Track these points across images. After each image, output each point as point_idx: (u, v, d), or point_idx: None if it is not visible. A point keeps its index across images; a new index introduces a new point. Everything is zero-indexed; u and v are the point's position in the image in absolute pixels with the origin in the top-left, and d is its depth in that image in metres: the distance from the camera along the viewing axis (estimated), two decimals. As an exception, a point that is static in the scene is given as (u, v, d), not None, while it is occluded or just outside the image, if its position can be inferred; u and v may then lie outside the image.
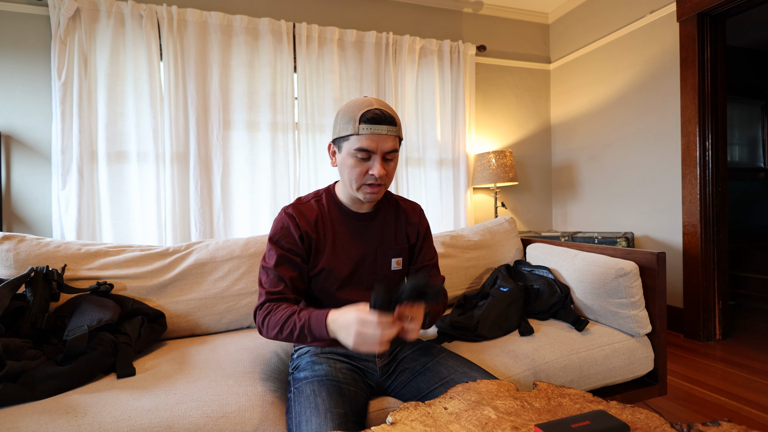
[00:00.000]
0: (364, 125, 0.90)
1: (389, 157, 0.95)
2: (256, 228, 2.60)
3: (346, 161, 0.94)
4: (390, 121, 0.92)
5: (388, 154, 0.94)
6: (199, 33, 2.47)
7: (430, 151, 2.99)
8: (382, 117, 0.91)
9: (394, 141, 0.94)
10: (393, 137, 0.93)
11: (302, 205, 1.03)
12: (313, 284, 1.03)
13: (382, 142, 0.92)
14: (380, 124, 0.90)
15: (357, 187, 0.95)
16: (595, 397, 0.74)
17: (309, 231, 1.00)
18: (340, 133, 0.94)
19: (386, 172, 0.94)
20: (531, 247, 1.80)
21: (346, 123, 0.92)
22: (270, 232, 1.00)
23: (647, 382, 1.37)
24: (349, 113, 0.92)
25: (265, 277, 0.97)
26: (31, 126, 2.29)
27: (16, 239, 1.27)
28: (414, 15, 3.04)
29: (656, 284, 1.33)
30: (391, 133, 0.93)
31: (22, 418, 0.81)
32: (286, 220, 0.99)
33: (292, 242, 0.98)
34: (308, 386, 0.89)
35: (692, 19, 2.33)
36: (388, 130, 0.92)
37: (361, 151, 0.91)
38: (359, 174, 0.93)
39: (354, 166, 0.93)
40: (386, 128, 0.91)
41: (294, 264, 0.98)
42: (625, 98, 2.80)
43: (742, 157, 4.02)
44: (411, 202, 1.17)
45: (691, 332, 2.37)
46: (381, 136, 0.91)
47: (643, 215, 2.70)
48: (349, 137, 0.92)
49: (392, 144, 0.93)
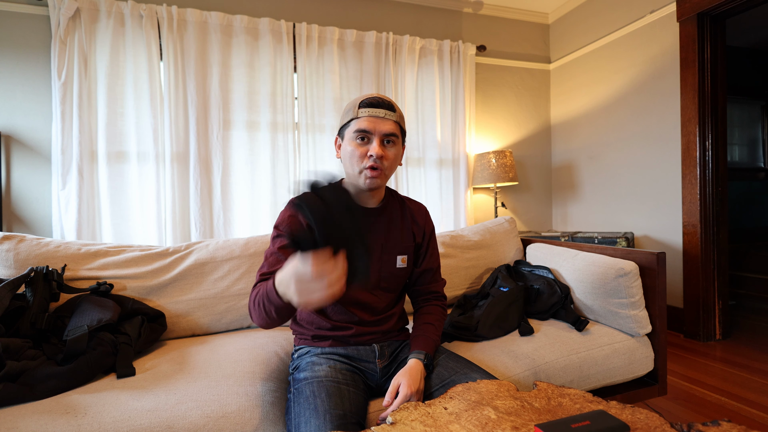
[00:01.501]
0: (362, 109, 0.95)
1: (389, 141, 0.97)
2: (256, 228, 2.60)
3: (347, 147, 0.97)
4: (388, 106, 0.96)
5: (388, 138, 0.96)
6: (199, 33, 2.47)
7: (430, 151, 2.99)
8: (380, 102, 0.96)
9: (392, 125, 0.96)
10: (392, 122, 0.96)
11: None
12: None
13: (380, 124, 0.95)
14: (378, 108, 0.95)
15: (358, 170, 0.96)
16: (595, 397, 0.74)
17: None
18: (342, 122, 0.99)
19: (385, 155, 0.95)
20: (531, 247, 1.80)
21: (347, 112, 0.98)
22: (277, 221, 1.01)
23: (647, 382, 1.37)
24: (351, 103, 0.99)
25: (264, 261, 0.96)
26: (31, 126, 2.29)
27: (16, 239, 1.27)
28: (414, 15, 3.04)
29: (656, 284, 1.33)
30: (390, 117, 0.96)
31: (22, 418, 0.81)
32: (294, 209, 1.00)
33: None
34: (308, 387, 0.89)
35: (692, 19, 2.33)
36: (386, 114, 0.95)
37: (359, 132, 0.95)
38: (359, 156, 0.95)
39: (354, 150, 0.96)
40: (384, 111, 0.95)
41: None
42: (625, 98, 2.80)
43: (742, 157, 4.02)
44: (417, 203, 1.17)
45: (691, 332, 2.37)
46: (379, 119, 0.95)
47: (643, 215, 2.70)
48: (349, 123, 0.97)
49: (391, 127, 0.96)
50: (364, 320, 1.03)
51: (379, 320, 1.06)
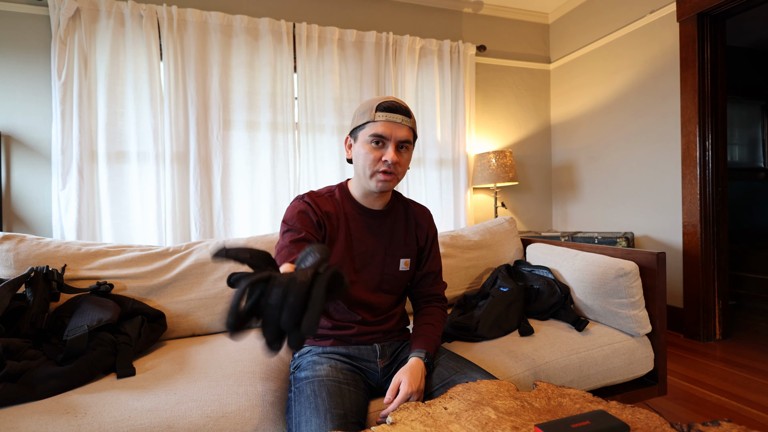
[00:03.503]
0: (380, 113, 0.94)
1: (403, 147, 0.97)
2: (256, 228, 2.60)
3: (361, 149, 0.96)
4: (405, 112, 0.96)
5: (402, 144, 0.96)
6: (199, 33, 2.47)
7: (430, 151, 2.99)
8: (398, 107, 0.95)
9: (408, 132, 0.96)
10: (407, 128, 0.96)
11: (317, 197, 1.03)
12: None
13: (397, 130, 0.94)
14: (395, 113, 0.94)
15: (370, 173, 0.96)
16: (595, 397, 0.74)
17: (324, 220, 1.00)
18: (357, 123, 0.98)
19: (399, 161, 0.95)
20: (531, 247, 1.80)
21: (362, 113, 0.97)
22: (285, 216, 0.98)
23: (647, 382, 1.37)
24: (366, 105, 0.97)
25: (276, 256, 0.90)
26: (31, 126, 2.29)
27: (16, 239, 1.27)
28: (414, 15, 3.04)
29: (656, 284, 1.33)
30: (406, 123, 0.96)
31: (22, 418, 0.81)
32: (304, 206, 0.99)
33: (310, 225, 0.97)
34: (309, 386, 0.89)
35: (692, 19, 2.33)
36: (403, 120, 0.95)
37: (375, 137, 0.94)
38: (373, 160, 0.95)
39: (368, 153, 0.95)
40: (401, 117, 0.95)
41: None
42: (625, 98, 2.80)
43: (742, 157, 4.02)
44: (421, 206, 1.17)
45: (691, 332, 2.37)
46: (396, 124, 0.94)
47: (643, 215, 2.70)
48: (364, 125, 0.96)
49: (406, 134, 0.96)
50: (366, 320, 1.04)
51: (381, 320, 1.06)
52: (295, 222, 0.96)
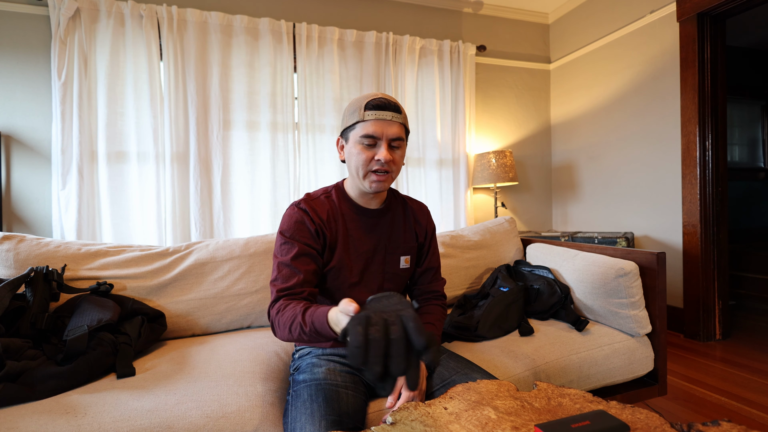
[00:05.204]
0: (369, 112, 0.92)
1: (395, 145, 0.95)
2: (256, 228, 2.60)
3: (353, 150, 0.95)
4: (394, 108, 0.94)
5: (394, 142, 0.94)
6: (199, 33, 2.47)
7: (430, 151, 2.99)
8: (387, 104, 0.93)
9: (399, 128, 0.94)
10: (398, 124, 0.94)
11: (313, 201, 1.02)
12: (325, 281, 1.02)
13: (388, 128, 0.93)
14: (385, 110, 0.92)
15: (363, 174, 0.95)
16: (595, 397, 0.74)
17: (323, 226, 0.99)
18: (346, 124, 0.96)
19: (392, 159, 0.94)
20: (531, 247, 1.80)
21: (351, 113, 0.94)
22: (282, 226, 0.98)
23: (647, 382, 1.37)
24: (355, 104, 0.95)
25: (277, 273, 0.94)
26: (31, 126, 2.29)
27: (16, 239, 1.27)
28: (414, 15, 3.04)
29: (656, 284, 1.33)
30: (396, 119, 0.94)
31: (22, 418, 0.81)
32: (300, 215, 0.97)
33: (308, 236, 0.96)
34: (306, 390, 0.88)
35: (692, 19, 2.33)
36: (393, 117, 0.93)
37: (366, 137, 0.92)
38: (365, 160, 0.93)
39: (360, 153, 0.93)
40: (391, 114, 0.93)
41: (311, 257, 0.96)
42: (625, 98, 2.80)
43: (742, 157, 4.02)
44: (418, 202, 1.17)
45: (691, 332, 2.37)
46: (386, 122, 0.92)
47: (643, 215, 2.70)
48: (354, 125, 0.94)
49: (397, 131, 0.94)
50: None
51: None
52: (293, 233, 0.95)
